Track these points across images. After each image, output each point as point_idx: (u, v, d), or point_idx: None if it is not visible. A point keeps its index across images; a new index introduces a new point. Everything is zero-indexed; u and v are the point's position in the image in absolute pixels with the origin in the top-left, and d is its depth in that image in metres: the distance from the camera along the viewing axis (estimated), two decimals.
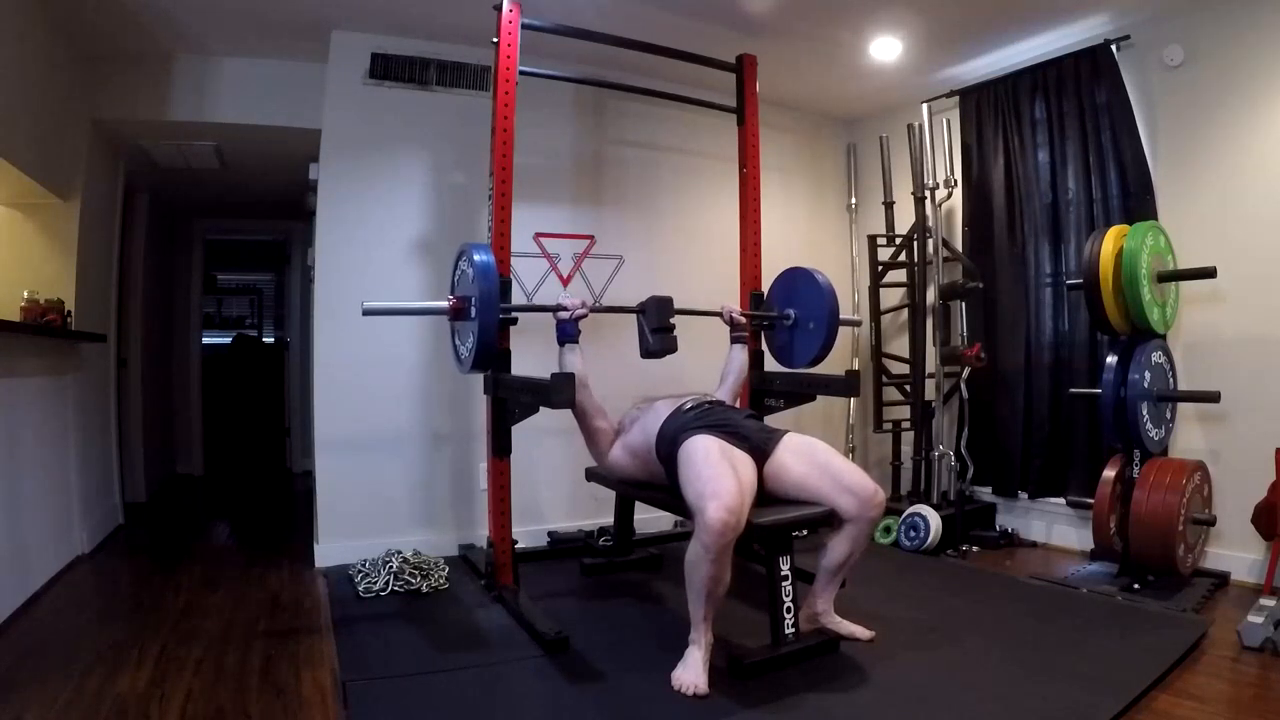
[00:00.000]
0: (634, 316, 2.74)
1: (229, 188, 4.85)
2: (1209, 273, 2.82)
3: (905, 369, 4.04)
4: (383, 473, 3.29)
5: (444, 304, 2.57)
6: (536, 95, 3.15)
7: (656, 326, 2.63)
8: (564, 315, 2.56)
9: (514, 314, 2.73)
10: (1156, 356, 2.91)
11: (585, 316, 2.60)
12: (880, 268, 4.14)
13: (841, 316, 2.95)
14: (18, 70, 2.65)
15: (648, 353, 2.66)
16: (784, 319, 3.05)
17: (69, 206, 3.24)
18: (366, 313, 2.42)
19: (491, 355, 2.48)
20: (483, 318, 2.38)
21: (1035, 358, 3.62)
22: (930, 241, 3.81)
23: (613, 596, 2.80)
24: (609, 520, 3.17)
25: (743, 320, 2.93)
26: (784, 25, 3.29)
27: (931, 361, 3.83)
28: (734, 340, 2.92)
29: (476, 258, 2.45)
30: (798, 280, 3.04)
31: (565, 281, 3.65)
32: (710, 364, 2.96)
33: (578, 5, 3.05)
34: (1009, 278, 3.70)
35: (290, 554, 3.39)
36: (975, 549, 3.47)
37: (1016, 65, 3.64)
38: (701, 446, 2.12)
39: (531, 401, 2.49)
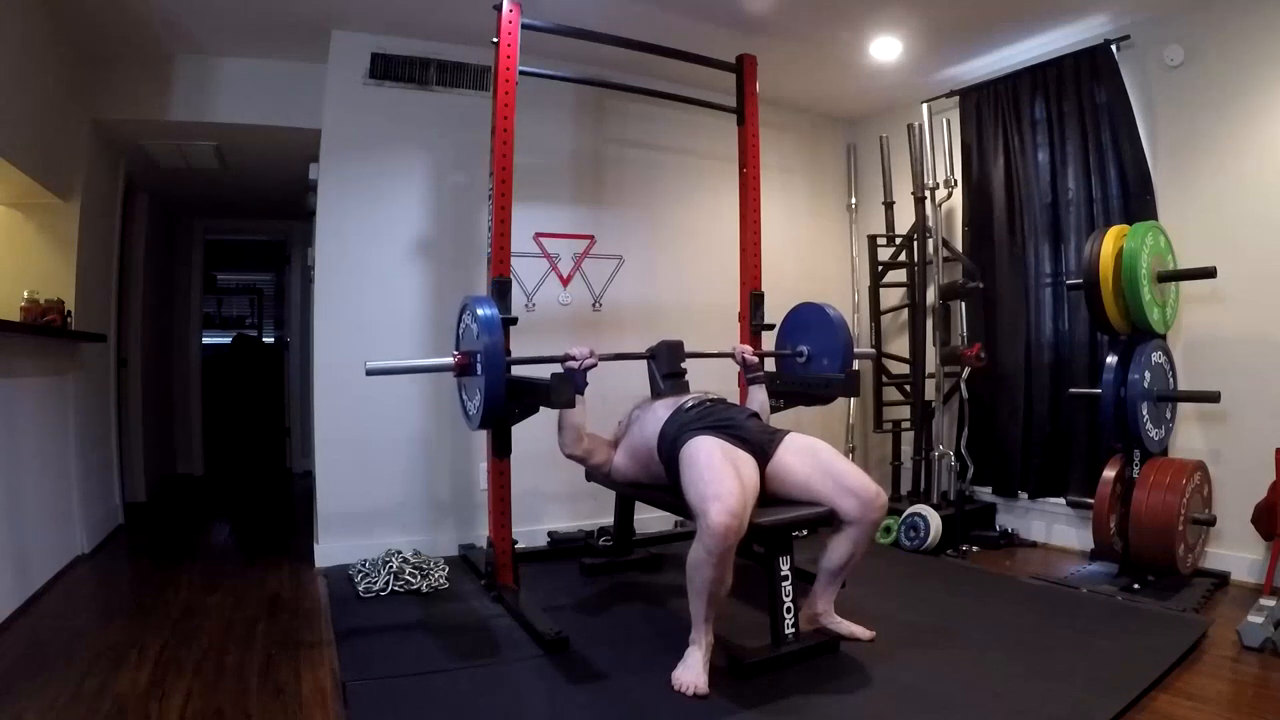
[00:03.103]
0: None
1: (229, 188, 4.85)
2: (1209, 273, 2.82)
3: (905, 369, 4.04)
4: (383, 472, 3.29)
5: (449, 360, 2.47)
6: (536, 95, 3.15)
7: (668, 372, 2.61)
8: (572, 365, 2.48)
9: (514, 315, 2.72)
10: (1156, 356, 2.91)
11: (594, 366, 2.51)
12: (880, 268, 4.14)
13: (855, 350, 2.91)
14: (18, 70, 2.65)
15: (659, 397, 2.64)
16: (797, 356, 3.01)
17: (69, 206, 3.24)
18: (370, 373, 2.33)
19: (500, 414, 2.39)
20: (489, 375, 2.28)
21: (1035, 358, 3.62)
22: (930, 241, 3.81)
23: (613, 596, 2.80)
24: (609, 520, 3.17)
25: (755, 360, 2.86)
26: (784, 25, 3.29)
27: (931, 361, 3.83)
28: (750, 381, 2.84)
29: (480, 312, 2.34)
30: (808, 315, 3.00)
31: (565, 281, 3.65)
32: (713, 375, 2.94)
33: (578, 5, 3.05)
34: (1009, 278, 3.70)
35: (290, 554, 3.39)
36: (975, 549, 3.47)
37: (1016, 65, 3.64)
38: (705, 448, 2.12)
39: (532, 402, 2.49)
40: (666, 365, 2.60)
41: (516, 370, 2.57)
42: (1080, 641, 2.28)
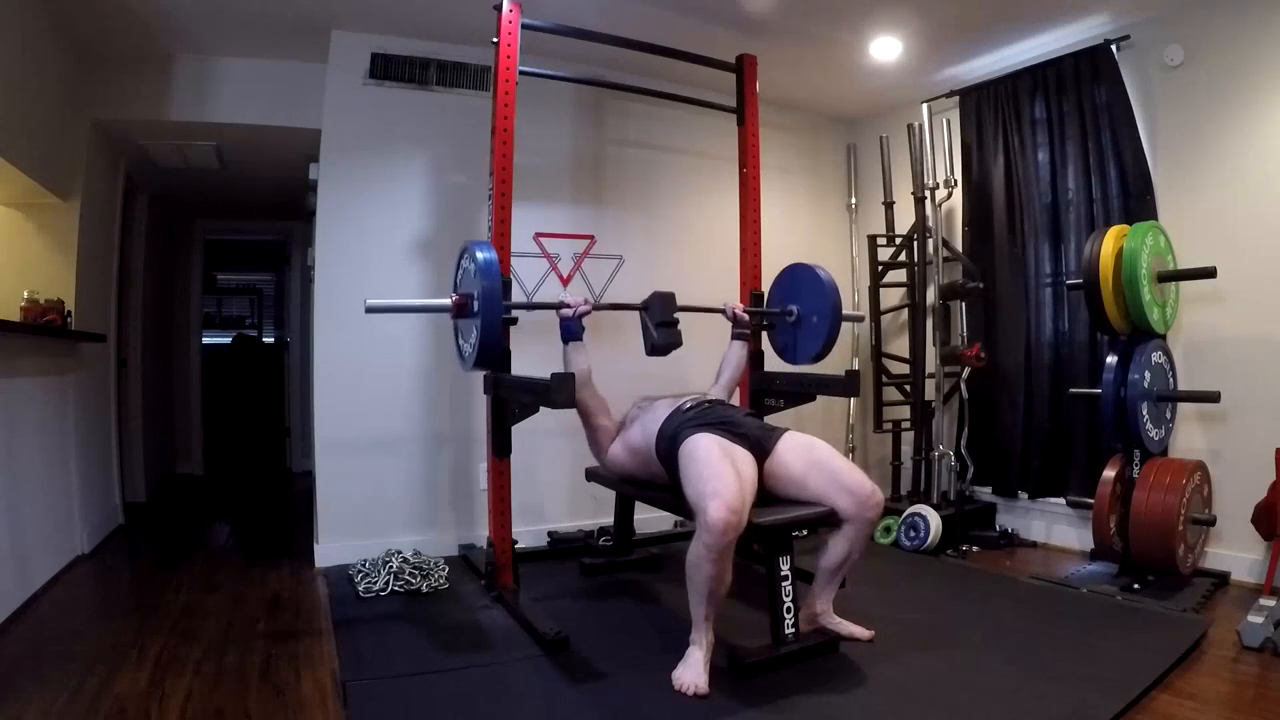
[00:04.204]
0: (636, 317, 2.73)
1: (229, 188, 4.85)
2: (1209, 273, 2.81)
3: (905, 369, 4.04)
4: (383, 473, 3.29)
5: (446, 301, 2.54)
6: (536, 95, 3.15)
7: (660, 321, 2.63)
8: (567, 313, 2.56)
9: (514, 314, 2.73)
10: (1156, 356, 2.91)
11: (589, 313, 2.59)
12: (880, 268, 4.14)
13: (844, 312, 2.94)
14: (18, 70, 2.65)
15: (653, 348, 2.65)
16: (786, 315, 3.04)
17: (69, 206, 3.24)
18: (369, 310, 2.41)
19: (495, 352, 2.45)
20: (486, 314, 2.36)
21: (1035, 358, 3.62)
22: (930, 241, 3.81)
23: (613, 596, 2.80)
24: (609, 520, 3.18)
25: (745, 316, 2.92)
26: (784, 25, 3.29)
27: (931, 361, 3.83)
28: (735, 336, 2.91)
29: (479, 255, 2.42)
30: (799, 276, 3.04)
31: (565, 281, 3.65)
32: (714, 362, 2.95)
33: (578, 5, 3.05)
34: (1009, 278, 3.70)
35: (290, 554, 3.39)
36: (975, 549, 3.46)
37: (1016, 65, 3.64)
38: (703, 445, 2.12)
39: (531, 401, 2.49)
40: (659, 314, 2.62)
41: (517, 358, 2.59)
42: (1080, 641, 2.28)
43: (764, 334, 3.23)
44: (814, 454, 2.26)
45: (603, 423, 2.58)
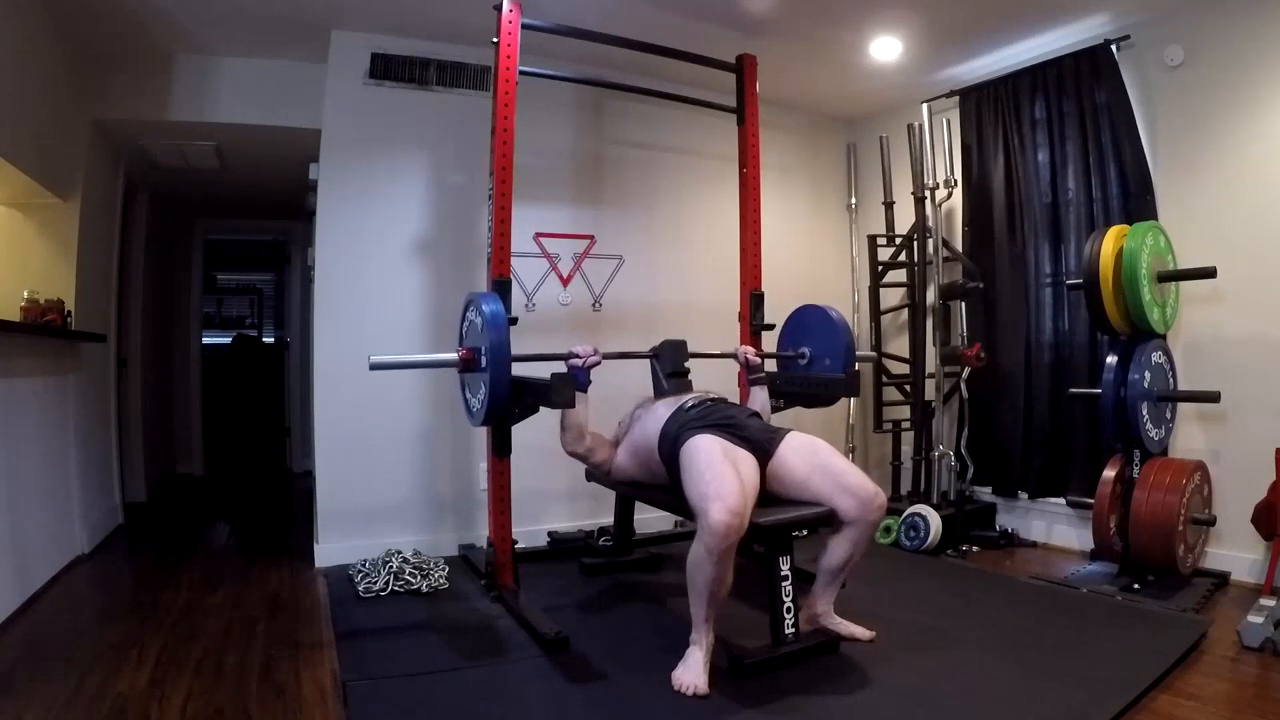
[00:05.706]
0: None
1: (229, 188, 4.85)
2: (1209, 273, 2.82)
3: (905, 369, 4.04)
4: (383, 472, 3.29)
5: (453, 356, 2.48)
6: (536, 95, 3.15)
7: (671, 372, 2.61)
8: (576, 363, 2.50)
9: (514, 315, 2.72)
10: (1156, 356, 2.91)
11: (597, 364, 2.53)
12: (880, 268, 4.14)
13: (856, 352, 2.92)
14: (18, 70, 2.65)
15: (662, 398, 2.64)
16: (799, 358, 3.02)
17: (69, 206, 3.24)
18: (374, 367, 2.35)
19: (505, 409, 2.40)
20: (494, 371, 2.30)
21: (1035, 358, 3.62)
22: (930, 241, 3.81)
23: (613, 596, 2.80)
24: (609, 520, 3.18)
25: (758, 361, 2.87)
26: (784, 25, 3.29)
27: (931, 361, 3.83)
28: (752, 382, 2.85)
29: (486, 308, 2.36)
30: (810, 317, 3.01)
31: (565, 281, 3.65)
32: (716, 376, 2.94)
33: (578, 5, 3.05)
34: (1009, 278, 3.70)
35: (290, 554, 3.39)
36: (975, 549, 3.46)
37: (1016, 65, 3.64)
38: (704, 447, 2.12)
39: (532, 402, 2.49)
40: (670, 365, 2.61)
41: (520, 368, 2.56)
42: (1080, 641, 2.28)
43: (762, 333, 3.24)
44: (817, 456, 2.26)
45: (601, 458, 2.57)
